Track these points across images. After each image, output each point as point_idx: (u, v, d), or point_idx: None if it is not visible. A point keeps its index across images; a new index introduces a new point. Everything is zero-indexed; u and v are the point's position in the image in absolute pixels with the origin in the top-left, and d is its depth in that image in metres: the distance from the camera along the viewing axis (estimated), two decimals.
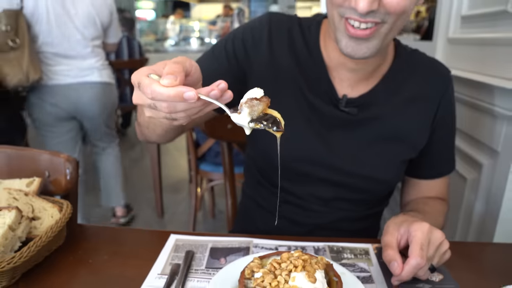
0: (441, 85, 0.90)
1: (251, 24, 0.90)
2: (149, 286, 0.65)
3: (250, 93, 0.52)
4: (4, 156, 0.87)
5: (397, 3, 0.69)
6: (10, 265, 0.61)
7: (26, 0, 1.85)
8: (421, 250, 0.62)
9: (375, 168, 0.86)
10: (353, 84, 0.86)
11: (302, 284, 0.51)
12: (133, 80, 0.53)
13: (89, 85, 2.11)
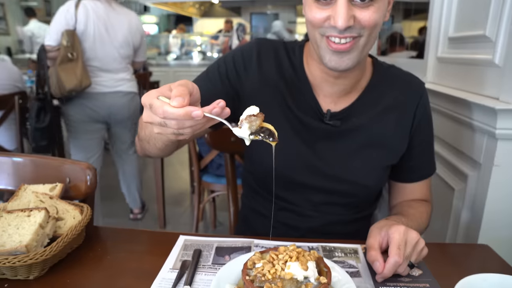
0: (415, 97, 0.99)
1: (242, 48, 1.00)
2: (162, 278, 0.74)
3: (248, 110, 0.62)
4: (31, 164, 0.96)
5: (369, 18, 0.79)
6: (42, 257, 0.70)
7: (79, 23, 2.28)
8: (398, 249, 0.71)
9: (359, 174, 0.95)
10: (336, 99, 0.95)
11: (296, 271, 0.60)
12: (144, 102, 0.63)
13: (121, 93, 2.53)
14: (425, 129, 1.02)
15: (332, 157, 0.95)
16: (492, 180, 1.18)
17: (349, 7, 0.77)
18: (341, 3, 0.77)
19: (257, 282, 0.60)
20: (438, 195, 1.66)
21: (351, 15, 0.78)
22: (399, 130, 0.98)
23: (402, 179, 1.06)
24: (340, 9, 0.77)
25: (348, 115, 0.95)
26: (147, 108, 0.63)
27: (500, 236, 1.20)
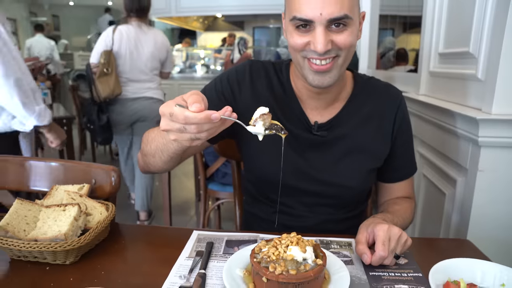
0: (394, 105, 1.09)
1: (236, 69, 1.10)
2: (180, 264, 0.85)
3: (259, 110, 0.76)
4: (61, 168, 1.09)
5: (345, 41, 0.89)
6: (78, 244, 0.81)
7: (114, 44, 2.84)
8: (383, 245, 0.83)
9: (345, 178, 1.05)
10: (321, 111, 1.06)
11: (296, 254, 0.71)
12: (163, 111, 0.72)
13: (144, 99, 3.01)
14: (404, 133, 1.12)
15: (321, 164, 1.05)
16: (477, 184, 1.29)
17: (327, 33, 0.87)
18: (319, 30, 0.86)
19: (263, 263, 0.72)
20: (430, 200, 1.77)
21: (328, 40, 0.88)
22: (381, 136, 1.08)
23: (387, 180, 1.16)
24: (318, 35, 0.87)
25: (333, 126, 1.05)
26: (165, 117, 0.73)
27: (485, 236, 1.30)
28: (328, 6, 0.85)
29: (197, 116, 0.69)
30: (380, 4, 4.31)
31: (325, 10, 0.85)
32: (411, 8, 3.37)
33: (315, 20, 0.86)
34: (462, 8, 1.48)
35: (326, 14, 0.85)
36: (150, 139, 0.98)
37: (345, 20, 0.87)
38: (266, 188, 1.12)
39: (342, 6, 0.85)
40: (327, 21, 0.86)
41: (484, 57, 1.29)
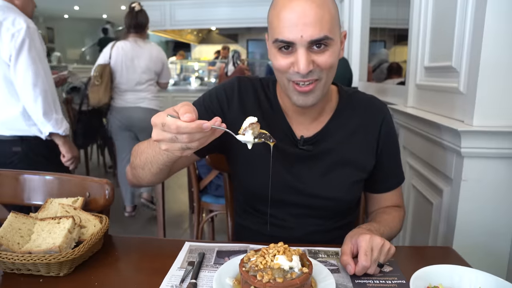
0: (378, 119, 1.11)
1: (224, 86, 1.12)
2: (172, 275, 0.87)
3: (248, 120, 0.80)
4: (56, 181, 1.11)
5: (326, 61, 0.92)
6: (72, 256, 0.83)
7: (112, 58, 3.15)
8: (365, 256, 0.85)
9: (332, 190, 1.08)
10: (307, 126, 1.09)
11: (283, 262, 0.74)
12: (155, 122, 0.74)
13: (140, 109, 3.25)
14: (390, 145, 1.14)
15: (307, 177, 1.08)
16: (461, 193, 1.33)
17: (308, 54, 0.91)
18: (301, 51, 0.90)
19: (251, 272, 0.74)
20: (419, 209, 1.81)
21: (310, 60, 0.91)
22: (366, 149, 1.10)
23: (375, 190, 1.19)
24: (300, 57, 0.90)
25: (319, 140, 1.08)
26: (157, 127, 0.75)
27: (470, 244, 1.34)
28: (308, 28, 0.88)
29: (189, 126, 0.72)
30: (370, 18, 4.41)
31: (305, 33, 0.88)
32: (399, 22, 3.46)
33: (296, 42, 0.90)
34: (444, 24, 1.54)
35: (307, 36, 0.88)
36: (139, 152, 1.00)
37: (325, 41, 0.91)
38: (255, 200, 1.15)
39: (322, 28, 0.89)
40: (308, 43, 0.90)
41: (465, 71, 1.34)
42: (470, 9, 1.31)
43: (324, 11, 0.89)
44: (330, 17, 0.90)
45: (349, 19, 4.67)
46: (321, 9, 0.89)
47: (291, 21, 0.89)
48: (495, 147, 1.25)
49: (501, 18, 1.20)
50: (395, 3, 3.88)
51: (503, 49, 1.22)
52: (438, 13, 1.65)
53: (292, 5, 0.89)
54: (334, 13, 0.92)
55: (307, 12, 0.88)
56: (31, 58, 1.77)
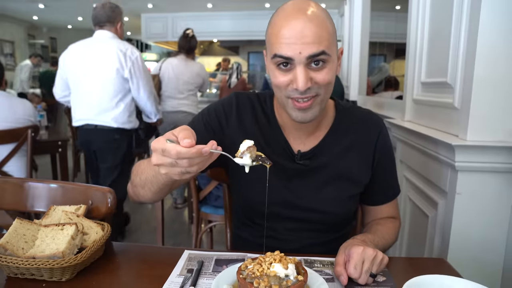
0: (374, 134, 1.13)
1: (222, 103, 1.15)
2: (171, 281, 0.90)
3: (245, 143, 0.82)
4: (60, 189, 1.14)
5: (324, 78, 0.94)
6: (75, 261, 0.86)
7: (160, 70, 3.83)
8: (354, 269, 0.88)
9: (328, 204, 1.10)
10: (304, 140, 1.11)
11: (279, 270, 0.76)
12: (155, 147, 0.75)
13: (180, 112, 3.87)
14: (386, 159, 1.16)
15: (303, 192, 1.10)
16: (455, 206, 1.35)
17: (306, 71, 0.92)
18: (300, 68, 0.92)
19: (248, 279, 0.77)
20: (416, 222, 1.83)
21: (308, 77, 0.93)
22: (362, 164, 1.12)
23: (370, 203, 1.21)
24: (299, 73, 0.92)
25: (315, 154, 1.10)
26: (157, 152, 0.76)
27: (464, 256, 1.36)
28: (306, 44, 0.90)
29: (189, 151, 0.73)
30: (370, 32, 4.49)
31: (304, 50, 0.90)
32: (397, 36, 3.52)
33: (295, 58, 0.92)
34: (440, 41, 1.59)
35: (305, 52, 0.90)
36: (139, 171, 1.01)
37: (323, 57, 0.93)
38: (253, 213, 1.17)
39: (320, 44, 0.91)
40: (306, 59, 0.91)
41: (459, 88, 1.38)
42: (464, 27, 1.36)
43: (322, 30, 0.92)
44: (328, 35, 0.93)
45: (349, 33, 4.74)
46: (319, 28, 0.91)
47: (290, 39, 0.91)
48: (488, 162, 1.28)
49: (493, 36, 1.24)
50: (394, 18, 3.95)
51: (496, 67, 1.26)
52: (434, 30, 1.69)
53: (291, 24, 0.91)
54: (331, 31, 0.95)
55: (306, 32, 0.90)
56: (146, 77, 2.76)
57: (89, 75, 2.65)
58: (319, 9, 0.94)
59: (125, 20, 9.42)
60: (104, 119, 2.70)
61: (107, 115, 2.69)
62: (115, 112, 2.70)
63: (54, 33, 11.44)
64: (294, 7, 0.94)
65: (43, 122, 3.70)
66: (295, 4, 0.95)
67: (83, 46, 2.75)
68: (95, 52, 2.66)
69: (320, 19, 0.92)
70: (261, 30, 7.22)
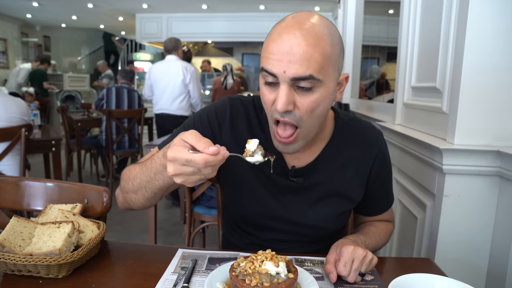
0: (373, 151, 1.08)
1: (215, 108, 1.09)
2: (165, 279, 0.92)
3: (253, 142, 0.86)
4: (57, 188, 1.16)
5: (307, 106, 0.87)
6: (71, 259, 0.87)
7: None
8: (344, 266, 0.90)
9: (320, 220, 1.09)
10: (299, 156, 1.06)
11: (270, 268, 0.79)
12: (176, 157, 0.74)
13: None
14: (382, 176, 1.13)
15: (296, 207, 1.08)
16: (443, 208, 1.39)
17: (291, 92, 0.86)
18: (283, 88, 0.85)
19: (240, 276, 0.79)
20: (405, 223, 1.87)
21: (291, 100, 0.86)
22: (357, 181, 1.09)
23: (364, 214, 1.22)
24: (281, 92, 0.85)
25: (310, 171, 1.06)
26: (177, 163, 0.75)
27: (451, 257, 1.40)
28: (292, 65, 0.83)
29: (216, 159, 0.74)
30: (362, 35, 4.54)
31: (289, 69, 0.83)
32: (389, 40, 3.57)
33: (279, 76, 0.85)
34: (430, 46, 1.63)
35: (290, 73, 0.83)
36: (132, 176, 0.99)
37: (311, 81, 0.85)
38: (242, 222, 1.16)
39: (309, 67, 0.83)
40: (291, 80, 0.84)
41: (447, 93, 1.42)
42: (452, 35, 1.40)
43: (315, 51, 0.83)
44: (321, 57, 0.84)
45: (342, 36, 4.79)
46: (312, 48, 0.83)
47: (277, 55, 0.84)
48: (474, 165, 1.32)
49: (480, 44, 1.28)
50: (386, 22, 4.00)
51: (482, 74, 1.30)
52: (424, 37, 1.73)
53: (281, 39, 0.84)
54: (329, 54, 0.85)
55: (295, 50, 0.82)
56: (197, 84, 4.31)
57: (166, 82, 4.21)
58: (321, 26, 0.86)
59: (119, 20, 9.42)
60: (174, 109, 4.24)
61: (176, 107, 4.24)
62: (182, 105, 4.25)
63: (47, 32, 11.37)
64: (292, 20, 0.86)
65: (37, 121, 3.70)
66: (296, 17, 0.87)
67: (161, 65, 4.31)
68: (168, 69, 4.22)
69: (316, 37, 0.83)
70: (255, 32, 7.30)
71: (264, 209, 1.08)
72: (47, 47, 11.51)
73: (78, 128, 4.82)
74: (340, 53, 0.90)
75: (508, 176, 1.27)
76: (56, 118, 7.58)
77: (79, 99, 8.02)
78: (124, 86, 4.80)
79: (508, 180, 1.27)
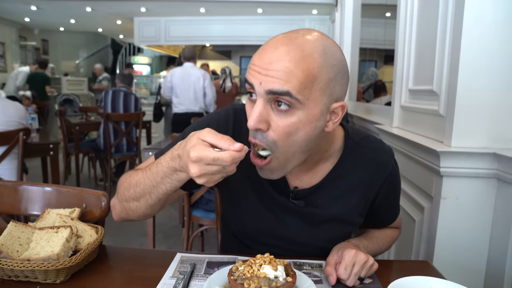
0: (383, 174, 1.02)
1: (218, 118, 1.03)
2: (164, 283, 0.92)
3: None
4: (55, 192, 1.16)
5: (282, 127, 0.80)
6: (69, 264, 0.87)
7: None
8: (344, 270, 0.90)
9: (319, 242, 1.06)
10: (301, 177, 1.00)
11: (268, 272, 0.79)
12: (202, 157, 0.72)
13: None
14: (390, 197, 1.08)
15: (296, 227, 1.04)
16: (440, 211, 1.40)
17: (266, 109, 0.80)
18: (258, 102, 0.79)
19: (239, 280, 0.80)
20: (403, 226, 1.86)
21: (265, 118, 0.80)
22: (359, 208, 1.04)
23: (370, 227, 1.18)
24: (255, 107, 0.80)
25: (313, 195, 1.01)
26: (201, 162, 0.73)
27: (449, 259, 1.40)
28: (270, 77, 0.77)
29: (242, 155, 0.73)
30: (360, 38, 4.55)
31: (266, 81, 0.78)
32: (386, 43, 3.59)
33: (255, 87, 0.80)
34: (426, 50, 1.64)
35: (266, 85, 0.78)
36: (133, 183, 0.94)
37: (289, 100, 0.77)
38: (240, 235, 1.14)
39: (287, 82, 0.76)
40: (266, 93, 0.78)
41: (444, 96, 1.43)
42: (448, 38, 1.41)
43: (297, 67, 0.76)
44: (304, 76, 0.76)
45: (340, 39, 4.81)
46: (294, 64, 0.76)
47: (256, 67, 0.80)
48: (471, 167, 1.32)
49: (476, 47, 1.29)
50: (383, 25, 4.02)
51: (478, 77, 1.30)
52: (421, 40, 1.74)
53: (264, 52, 0.80)
54: (315, 74, 0.78)
55: (273, 64, 0.77)
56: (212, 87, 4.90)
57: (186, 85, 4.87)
58: (314, 45, 0.79)
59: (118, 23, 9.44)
60: (194, 108, 4.88)
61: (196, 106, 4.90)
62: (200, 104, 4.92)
63: (46, 35, 11.37)
64: (285, 35, 0.82)
65: (34, 124, 3.69)
66: (292, 32, 0.82)
67: (181, 70, 4.91)
68: (187, 74, 4.86)
69: (302, 54, 0.77)
70: (253, 35, 7.34)
71: (262, 226, 1.06)
72: (45, 51, 11.50)
73: (76, 131, 4.82)
74: (336, 78, 0.81)
75: (505, 178, 1.27)
76: (55, 121, 7.58)
77: (77, 102, 8.02)
78: (121, 89, 4.81)
79: (505, 182, 1.28)
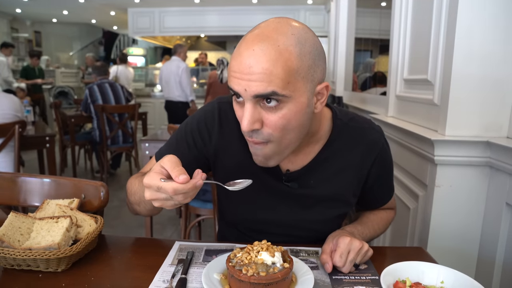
0: (373, 152, 1.04)
1: (204, 114, 1.05)
2: (163, 271, 0.94)
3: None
4: (54, 183, 1.17)
5: (276, 123, 0.82)
6: (70, 252, 0.89)
7: None
8: (340, 257, 0.92)
9: (314, 224, 1.08)
10: (292, 159, 1.02)
11: (266, 258, 0.81)
12: (149, 184, 0.76)
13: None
14: (382, 176, 1.10)
15: (290, 211, 1.06)
16: (435, 198, 1.42)
17: (256, 110, 0.81)
18: (248, 106, 0.81)
19: (237, 266, 0.81)
20: (398, 214, 1.89)
21: (257, 118, 0.82)
22: (354, 184, 1.06)
23: (364, 208, 1.21)
24: (245, 112, 0.81)
25: (304, 175, 1.03)
26: (151, 189, 0.77)
27: (442, 245, 1.43)
28: (253, 82, 0.78)
29: (185, 187, 0.75)
30: (355, 28, 4.55)
31: (250, 87, 0.79)
32: (382, 32, 3.59)
33: (242, 94, 0.81)
34: (421, 39, 1.65)
35: (251, 91, 0.79)
36: (132, 191, 1.03)
37: (277, 97, 0.80)
38: (236, 224, 1.16)
39: (270, 83, 0.78)
40: (253, 97, 0.80)
41: (438, 85, 1.44)
42: (442, 28, 1.42)
43: (276, 66, 0.77)
44: (285, 72, 0.78)
45: (335, 29, 4.80)
46: (272, 64, 0.77)
47: (237, 74, 0.80)
48: (465, 155, 1.35)
49: (469, 37, 1.30)
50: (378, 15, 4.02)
51: (472, 66, 1.32)
52: (416, 29, 1.75)
53: (242, 55, 0.80)
54: (295, 67, 0.79)
55: (254, 68, 0.78)
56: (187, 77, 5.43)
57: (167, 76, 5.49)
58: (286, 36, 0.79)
59: (111, 14, 9.30)
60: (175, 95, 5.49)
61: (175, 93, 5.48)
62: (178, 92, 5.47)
63: (38, 27, 11.24)
64: (256, 32, 0.81)
65: (30, 117, 3.68)
66: (261, 28, 0.82)
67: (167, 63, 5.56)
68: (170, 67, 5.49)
69: (278, 51, 0.77)
70: (248, 26, 7.34)
71: (258, 214, 1.09)
72: (38, 43, 11.38)
73: (71, 124, 4.80)
74: (315, 62, 0.82)
75: (497, 166, 1.29)
76: (50, 114, 7.53)
77: (72, 94, 7.97)
78: (104, 81, 4.79)
79: (498, 170, 1.30)
